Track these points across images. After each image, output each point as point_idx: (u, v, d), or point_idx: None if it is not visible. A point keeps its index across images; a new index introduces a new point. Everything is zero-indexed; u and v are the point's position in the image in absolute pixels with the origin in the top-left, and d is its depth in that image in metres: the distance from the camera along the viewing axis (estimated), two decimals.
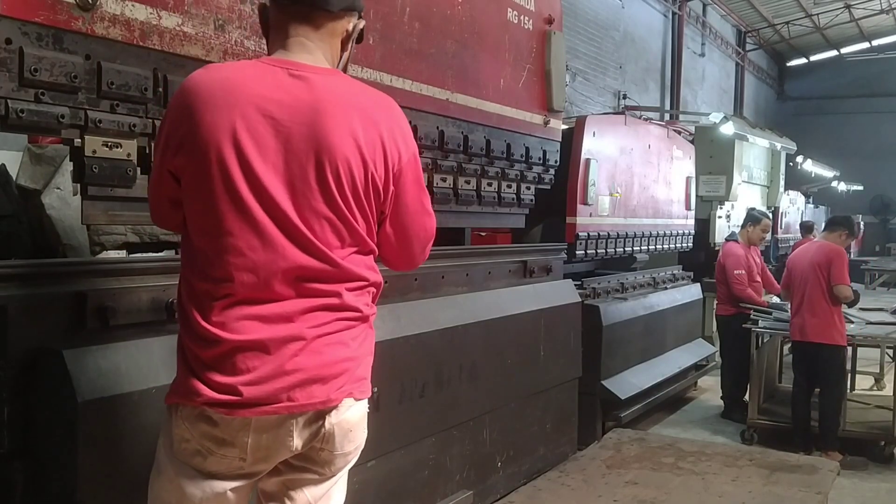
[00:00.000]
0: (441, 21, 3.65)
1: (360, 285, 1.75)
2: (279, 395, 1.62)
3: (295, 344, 1.64)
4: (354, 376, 1.73)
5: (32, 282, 2.11)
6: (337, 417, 1.70)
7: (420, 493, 3.41)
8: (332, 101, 1.68)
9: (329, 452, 1.74)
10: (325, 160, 1.65)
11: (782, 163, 11.00)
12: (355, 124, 1.69)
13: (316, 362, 1.65)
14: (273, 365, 1.62)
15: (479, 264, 4.03)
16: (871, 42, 24.66)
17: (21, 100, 2.09)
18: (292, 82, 1.67)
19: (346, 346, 1.71)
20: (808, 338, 5.39)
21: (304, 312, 1.66)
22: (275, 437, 1.66)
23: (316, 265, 1.67)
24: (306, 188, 1.65)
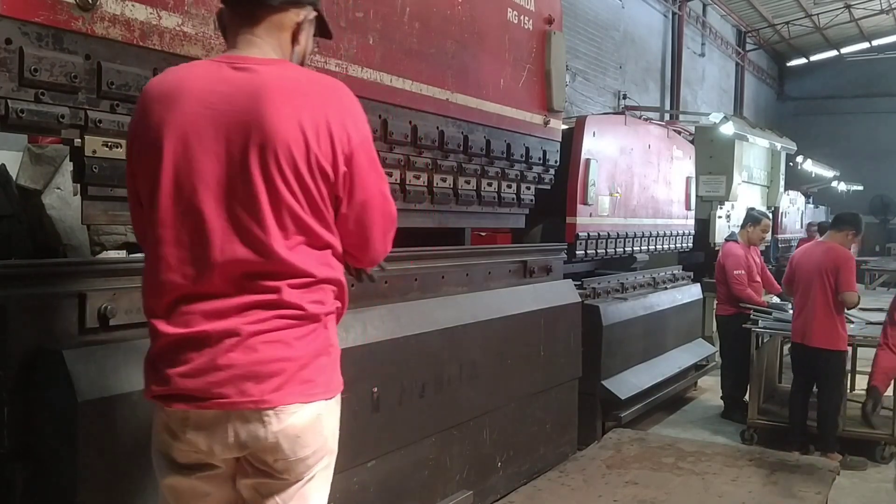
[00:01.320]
0: (441, 21, 3.65)
1: (307, 282, 1.68)
2: (211, 389, 1.61)
3: (230, 339, 1.61)
4: (297, 378, 1.65)
5: (32, 282, 2.11)
6: (280, 423, 1.64)
7: (420, 493, 3.41)
8: (274, 88, 1.67)
9: (283, 460, 1.69)
10: (265, 146, 1.63)
11: (782, 163, 11.00)
12: (299, 109, 1.66)
13: (250, 359, 1.62)
14: (207, 359, 1.61)
15: (479, 264, 4.03)
16: (871, 42, 24.69)
17: (21, 100, 2.09)
18: (235, 74, 1.68)
19: (287, 345, 1.65)
20: (810, 342, 5.37)
21: (242, 308, 1.63)
22: (212, 434, 1.65)
23: (254, 259, 1.63)
24: (246, 177, 1.63)
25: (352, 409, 2.96)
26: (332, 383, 1.75)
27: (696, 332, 7.20)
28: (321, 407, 1.71)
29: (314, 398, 1.69)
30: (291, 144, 1.63)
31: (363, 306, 3.15)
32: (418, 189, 3.65)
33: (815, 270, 5.35)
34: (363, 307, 3.14)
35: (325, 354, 1.73)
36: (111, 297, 2.21)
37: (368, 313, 3.14)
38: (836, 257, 5.33)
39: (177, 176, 1.65)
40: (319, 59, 2.97)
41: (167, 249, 1.66)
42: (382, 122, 3.34)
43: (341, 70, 3.07)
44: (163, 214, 1.66)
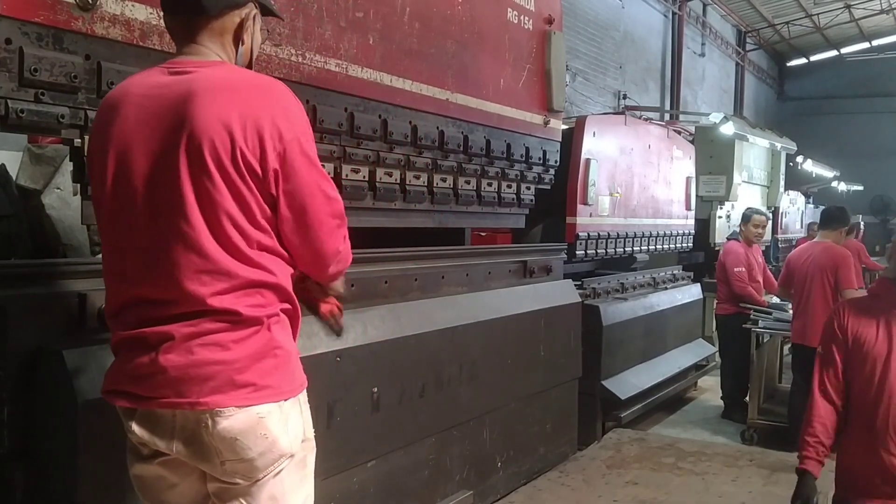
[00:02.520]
0: (441, 21, 3.65)
1: (239, 283, 1.65)
2: (153, 389, 1.64)
3: (167, 342, 1.63)
4: (234, 381, 1.64)
5: (32, 282, 2.12)
6: (216, 425, 1.64)
7: (420, 493, 3.41)
8: (204, 88, 1.67)
9: (231, 462, 1.68)
10: (191, 145, 1.62)
11: (782, 163, 10.99)
12: (226, 107, 1.64)
13: (185, 362, 1.62)
14: (149, 360, 1.64)
15: (479, 264, 4.03)
16: (871, 42, 24.67)
17: (21, 100, 2.09)
18: (171, 78, 1.71)
19: (223, 348, 1.64)
20: (810, 342, 5.36)
21: (177, 311, 1.64)
22: (153, 431, 1.68)
23: (186, 260, 1.63)
24: (174, 177, 1.63)
25: (352, 409, 2.96)
26: (283, 385, 1.72)
27: (696, 333, 7.20)
28: (265, 409, 1.68)
29: (252, 401, 1.66)
30: (216, 142, 1.62)
31: (363, 306, 3.15)
32: (418, 189, 3.65)
33: (813, 270, 5.35)
34: (363, 307, 3.14)
35: (271, 357, 1.69)
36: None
37: (368, 313, 3.14)
38: (833, 256, 5.33)
39: (115, 181, 1.69)
40: (320, 60, 2.97)
41: (110, 255, 1.75)
42: (382, 122, 3.34)
43: (341, 70, 3.07)
44: (104, 220, 1.74)
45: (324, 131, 3.05)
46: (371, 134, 3.28)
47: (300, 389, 1.79)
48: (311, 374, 2.77)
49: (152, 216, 1.66)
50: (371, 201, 3.41)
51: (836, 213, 5.64)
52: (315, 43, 2.94)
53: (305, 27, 2.89)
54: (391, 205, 3.54)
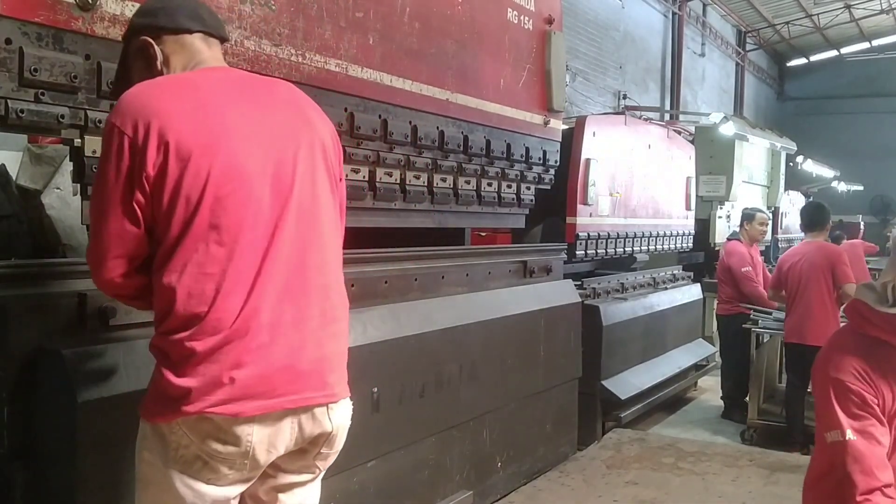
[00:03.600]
0: (441, 21, 3.65)
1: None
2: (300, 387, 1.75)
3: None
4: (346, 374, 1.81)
5: (32, 282, 2.12)
6: (338, 414, 1.80)
7: (420, 493, 3.41)
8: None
9: (330, 453, 1.85)
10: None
11: (782, 163, 10.99)
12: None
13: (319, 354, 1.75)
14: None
15: (479, 264, 4.03)
16: (871, 42, 24.66)
17: (21, 100, 2.09)
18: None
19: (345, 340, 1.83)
20: (806, 340, 5.36)
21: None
22: (277, 435, 1.75)
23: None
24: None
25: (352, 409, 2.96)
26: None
27: (696, 333, 7.20)
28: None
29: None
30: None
31: (363, 306, 3.15)
32: (418, 189, 3.65)
33: (808, 270, 5.38)
34: (363, 307, 3.14)
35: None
36: (111, 298, 2.20)
37: (368, 313, 3.14)
38: (828, 254, 5.40)
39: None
40: (320, 60, 2.97)
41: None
42: (382, 122, 3.34)
43: (341, 70, 3.07)
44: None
45: None
46: (371, 134, 3.28)
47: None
48: None
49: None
50: (371, 201, 3.41)
51: (816, 215, 5.70)
52: (315, 43, 2.94)
53: (305, 27, 2.89)
54: (391, 205, 3.54)
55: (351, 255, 3.17)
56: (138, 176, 1.60)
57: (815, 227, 5.63)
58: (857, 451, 1.95)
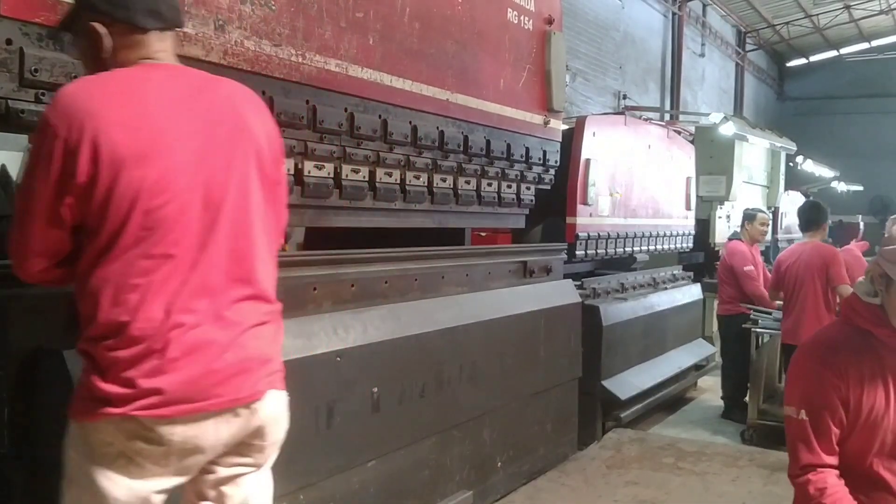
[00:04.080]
0: (441, 21, 3.65)
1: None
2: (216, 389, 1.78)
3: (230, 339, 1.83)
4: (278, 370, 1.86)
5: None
6: (266, 409, 1.84)
7: (420, 493, 3.41)
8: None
9: (270, 444, 1.89)
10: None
11: (782, 163, 10.99)
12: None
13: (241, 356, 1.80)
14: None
15: (479, 264, 4.03)
16: (870, 42, 24.66)
17: (21, 100, 2.09)
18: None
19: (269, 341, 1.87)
20: (793, 340, 5.37)
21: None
22: (203, 435, 1.77)
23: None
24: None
25: (352, 409, 2.96)
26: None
27: (697, 333, 7.20)
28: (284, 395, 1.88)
29: (283, 386, 1.86)
30: None
31: (363, 306, 3.15)
32: (418, 189, 3.65)
33: (804, 271, 5.38)
34: (363, 307, 3.15)
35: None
36: None
37: (368, 313, 3.14)
38: (822, 255, 5.39)
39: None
40: (320, 60, 2.97)
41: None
42: (382, 122, 3.34)
43: (341, 70, 3.07)
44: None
45: (324, 131, 3.06)
46: (371, 134, 3.28)
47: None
48: (311, 374, 2.79)
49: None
50: (371, 201, 3.41)
51: (813, 214, 5.70)
52: (315, 43, 2.94)
53: (305, 27, 2.89)
54: (391, 205, 3.54)
55: (351, 255, 3.18)
56: (69, 182, 1.60)
57: (812, 227, 5.62)
58: (806, 431, 2.07)
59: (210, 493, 1.83)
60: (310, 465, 2.79)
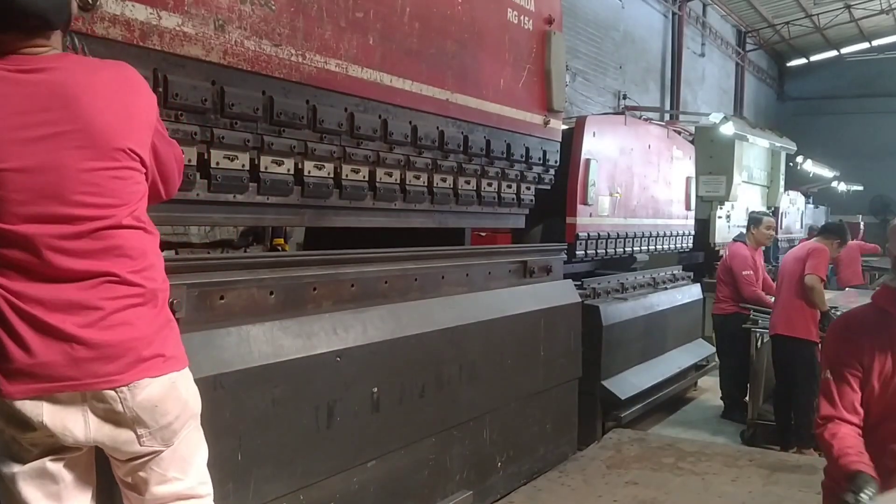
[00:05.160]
0: (441, 21, 3.65)
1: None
2: (68, 372, 1.77)
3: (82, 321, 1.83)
4: (143, 356, 1.85)
5: None
6: (135, 397, 1.81)
7: (420, 493, 3.41)
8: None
9: (151, 430, 1.86)
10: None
11: (782, 163, 11.00)
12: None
13: (100, 339, 1.80)
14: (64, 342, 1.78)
15: (479, 264, 4.03)
16: (870, 42, 24.65)
17: None
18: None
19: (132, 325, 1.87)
20: (775, 330, 5.42)
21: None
22: (65, 420, 1.78)
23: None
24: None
25: (352, 409, 2.96)
26: (183, 355, 1.91)
27: (696, 333, 7.20)
28: (175, 376, 1.86)
29: (165, 370, 1.83)
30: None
31: (363, 306, 3.15)
32: (418, 189, 3.65)
33: (791, 263, 5.48)
34: (363, 307, 3.15)
35: (169, 329, 1.88)
36: None
37: (368, 313, 3.14)
38: (810, 248, 5.52)
39: None
40: (320, 60, 2.97)
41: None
42: (382, 122, 3.34)
43: (341, 70, 3.07)
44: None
45: (324, 131, 3.06)
46: (371, 134, 3.28)
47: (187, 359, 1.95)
48: (311, 374, 2.79)
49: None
50: (371, 201, 3.41)
51: (833, 227, 5.91)
52: (315, 43, 2.94)
53: (305, 27, 2.89)
54: (391, 205, 3.54)
55: (351, 255, 3.18)
56: None
57: (823, 234, 5.72)
58: (830, 388, 2.39)
59: (129, 481, 1.90)
60: (310, 465, 2.79)
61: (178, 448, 1.89)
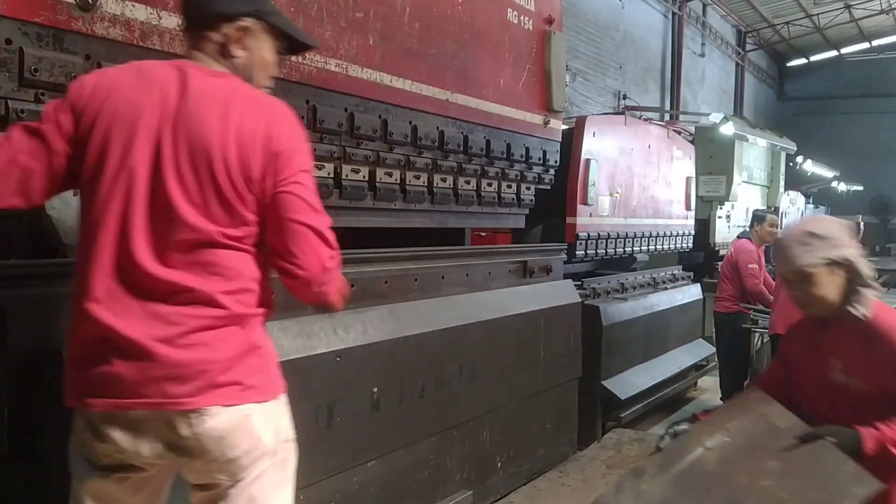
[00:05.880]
0: (441, 21, 3.65)
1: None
2: (137, 390, 1.73)
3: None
4: (218, 381, 1.74)
5: (32, 282, 2.12)
6: (202, 424, 1.71)
7: (420, 493, 3.41)
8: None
9: (215, 462, 1.75)
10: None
11: (782, 163, 11.00)
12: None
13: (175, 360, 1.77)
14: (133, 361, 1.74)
15: (479, 264, 4.02)
16: (871, 42, 24.66)
17: (21, 100, 2.09)
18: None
19: (210, 347, 1.80)
20: (776, 329, 5.39)
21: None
22: (137, 437, 1.75)
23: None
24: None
25: (352, 409, 2.96)
26: (266, 386, 1.76)
27: (696, 333, 7.20)
28: (250, 408, 1.72)
29: (240, 400, 1.69)
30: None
31: (363, 306, 3.15)
32: (418, 189, 3.65)
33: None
34: (363, 307, 3.14)
35: (254, 356, 1.73)
36: None
37: (368, 313, 3.14)
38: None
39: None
40: (319, 60, 2.97)
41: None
42: (382, 122, 3.34)
43: (341, 70, 3.07)
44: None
45: (324, 131, 3.06)
46: (371, 134, 3.28)
47: (282, 390, 1.81)
48: (311, 374, 2.79)
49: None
50: (371, 201, 3.41)
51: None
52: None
53: (305, 27, 2.89)
54: (391, 205, 3.54)
55: (351, 255, 3.18)
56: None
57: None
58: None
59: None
60: (310, 465, 2.78)
61: (247, 487, 1.75)
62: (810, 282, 2.34)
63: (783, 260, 2.42)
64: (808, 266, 2.32)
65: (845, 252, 2.34)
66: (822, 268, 2.33)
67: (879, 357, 2.28)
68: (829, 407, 2.35)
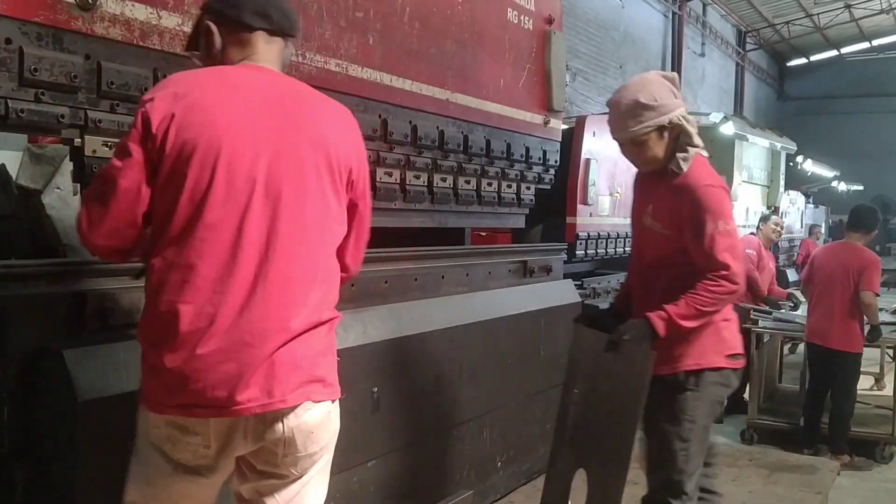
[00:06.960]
0: (441, 21, 3.65)
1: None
2: (238, 393, 1.75)
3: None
4: (313, 377, 1.80)
5: (32, 282, 2.11)
6: (298, 418, 1.78)
7: (420, 492, 3.40)
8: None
9: (293, 456, 1.80)
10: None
11: (782, 163, 11.01)
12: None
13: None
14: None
15: (479, 264, 4.02)
16: (871, 42, 24.68)
17: (21, 100, 2.08)
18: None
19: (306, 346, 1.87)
20: (830, 344, 5.33)
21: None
22: (231, 437, 1.77)
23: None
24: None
25: (352, 410, 2.96)
26: (338, 384, 1.85)
27: None
28: (332, 405, 1.82)
29: (326, 396, 1.79)
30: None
31: (363, 306, 3.15)
32: (418, 189, 3.65)
33: (839, 271, 5.31)
34: (363, 307, 3.14)
35: (332, 355, 1.83)
36: (111, 298, 2.21)
37: (368, 313, 3.14)
38: (863, 257, 5.33)
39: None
40: (320, 60, 2.97)
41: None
42: (382, 122, 3.34)
43: (341, 70, 3.07)
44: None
45: None
46: (371, 134, 3.27)
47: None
48: None
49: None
50: (371, 201, 3.40)
51: (866, 217, 5.55)
52: (315, 43, 2.94)
53: (305, 27, 2.89)
54: (391, 205, 3.54)
55: None
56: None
57: (860, 229, 5.51)
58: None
59: (247, 498, 1.85)
60: None
61: (307, 481, 1.83)
62: (642, 147, 2.62)
63: (616, 127, 2.67)
64: (639, 135, 2.59)
65: (672, 116, 2.57)
66: (652, 133, 2.58)
67: (681, 204, 2.55)
68: (639, 275, 2.86)
